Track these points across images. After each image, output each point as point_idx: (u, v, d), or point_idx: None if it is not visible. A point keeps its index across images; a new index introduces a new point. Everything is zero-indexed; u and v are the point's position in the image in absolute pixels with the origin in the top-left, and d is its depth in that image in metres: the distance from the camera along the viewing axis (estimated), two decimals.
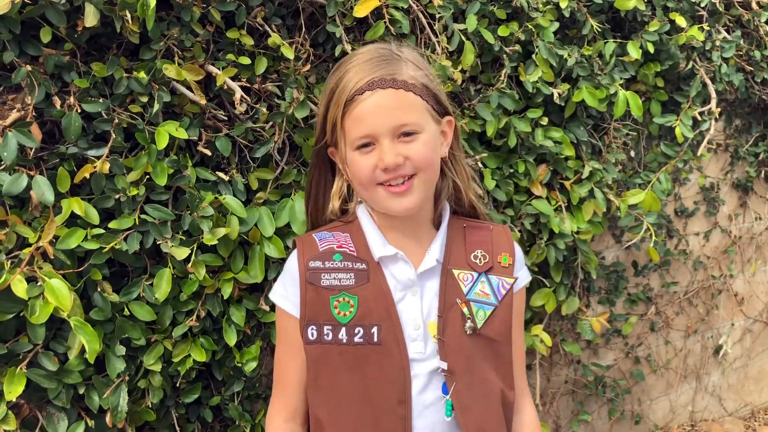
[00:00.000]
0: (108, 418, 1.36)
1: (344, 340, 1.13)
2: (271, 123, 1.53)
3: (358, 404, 1.13)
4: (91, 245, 1.29)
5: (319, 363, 1.15)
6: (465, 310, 1.14)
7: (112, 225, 1.33)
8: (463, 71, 1.75)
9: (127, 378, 1.38)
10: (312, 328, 1.15)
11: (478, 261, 1.20)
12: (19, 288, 1.20)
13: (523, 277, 1.27)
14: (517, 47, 1.85)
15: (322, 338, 1.14)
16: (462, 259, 1.19)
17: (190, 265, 1.40)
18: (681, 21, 2.16)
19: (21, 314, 1.25)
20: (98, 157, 1.33)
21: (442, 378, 1.13)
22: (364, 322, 1.13)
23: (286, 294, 1.21)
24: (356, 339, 1.13)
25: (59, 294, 1.21)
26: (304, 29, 1.60)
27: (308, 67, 1.57)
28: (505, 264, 1.21)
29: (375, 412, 1.12)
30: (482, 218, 1.30)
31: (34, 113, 1.26)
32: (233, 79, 1.48)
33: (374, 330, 1.12)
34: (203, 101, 1.43)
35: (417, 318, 1.14)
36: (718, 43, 2.34)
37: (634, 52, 2.05)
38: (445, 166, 1.23)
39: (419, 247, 1.19)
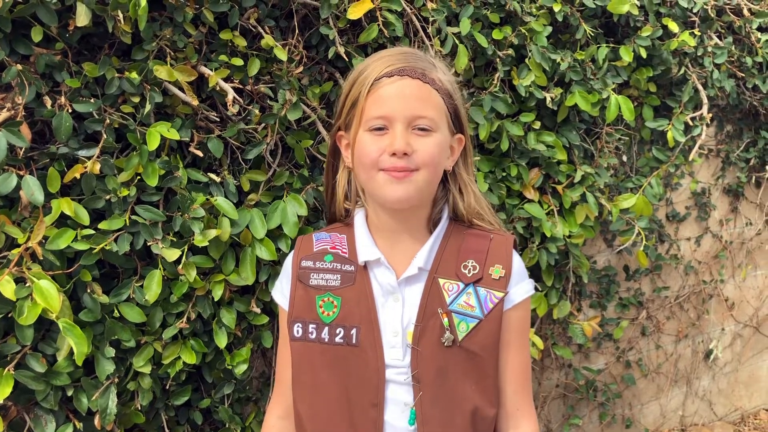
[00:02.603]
0: (96, 421, 1.35)
1: (326, 339, 1.14)
2: (263, 125, 1.53)
3: (335, 402, 1.14)
4: (81, 246, 1.28)
5: (302, 360, 1.17)
6: (445, 320, 1.13)
7: (102, 226, 1.32)
8: (456, 74, 1.75)
9: (116, 380, 1.37)
10: (298, 326, 1.16)
11: (467, 271, 1.17)
12: (8, 289, 1.19)
13: (521, 291, 1.19)
14: (510, 51, 1.85)
15: (307, 336, 1.15)
16: (451, 268, 1.17)
17: (180, 266, 1.39)
18: (673, 26, 2.17)
19: (9, 315, 1.24)
20: (89, 158, 1.32)
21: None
22: (345, 323, 1.14)
23: (281, 289, 1.23)
24: (337, 339, 1.14)
25: (48, 295, 1.20)
26: (297, 31, 1.60)
27: (301, 69, 1.57)
28: (496, 276, 1.16)
29: (351, 412, 1.13)
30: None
31: (24, 113, 1.25)
32: (226, 80, 1.47)
33: (353, 332, 1.13)
34: (195, 102, 1.43)
35: (396, 325, 1.14)
36: (710, 49, 2.35)
37: (626, 57, 2.05)
38: (446, 182, 1.23)
39: (407, 252, 1.17)
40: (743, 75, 2.52)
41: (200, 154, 1.45)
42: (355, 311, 1.14)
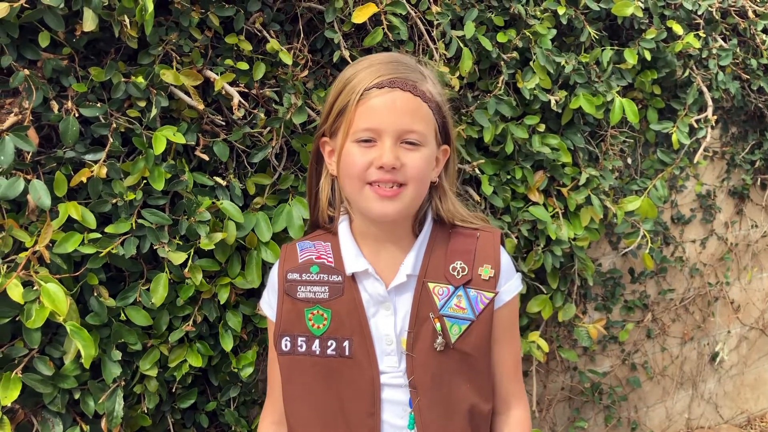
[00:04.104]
0: (103, 423, 1.36)
1: (317, 352, 1.13)
2: (268, 128, 1.53)
3: (329, 415, 1.13)
4: (88, 249, 1.29)
5: (292, 373, 1.16)
6: (437, 325, 1.12)
7: (108, 229, 1.33)
8: (460, 78, 1.76)
9: (122, 383, 1.38)
10: (286, 339, 1.15)
11: (456, 273, 1.16)
12: (15, 292, 1.20)
13: (510, 289, 1.20)
14: (515, 54, 1.85)
15: (296, 349, 1.14)
16: (439, 272, 1.16)
17: (186, 270, 1.40)
18: (678, 29, 2.17)
19: (17, 318, 1.25)
20: (95, 162, 1.32)
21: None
22: (336, 335, 1.13)
23: (269, 302, 1.22)
24: (329, 351, 1.13)
25: (55, 298, 1.20)
26: (302, 35, 1.60)
27: (306, 72, 1.57)
28: (486, 277, 1.16)
29: (346, 423, 1.12)
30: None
31: (31, 117, 1.26)
32: (231, 84, 1.48)
33: (346, 344, 1.12)
34: (201, 106, 1.44)
35: (390, 333, 1.13)
36: (714, 51, 2.35)
37: (631, 60, 2.05)
38: (429, 189, 1.23)
39: (394, 260, 1.17)
40: (748, 77, 2.52)
41: (206, 157, 1.46)
42: (346, 323, 1.13)
